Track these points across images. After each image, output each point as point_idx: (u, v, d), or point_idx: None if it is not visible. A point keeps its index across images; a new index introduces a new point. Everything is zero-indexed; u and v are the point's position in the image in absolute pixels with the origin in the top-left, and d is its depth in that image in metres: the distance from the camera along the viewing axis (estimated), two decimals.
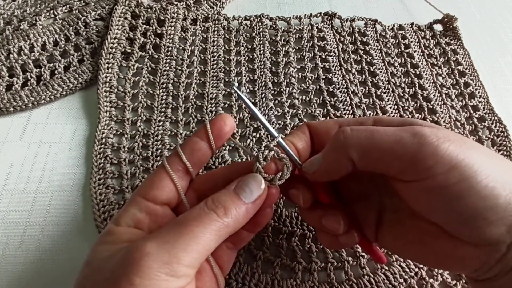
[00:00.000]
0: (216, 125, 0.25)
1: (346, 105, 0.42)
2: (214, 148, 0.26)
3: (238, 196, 0.23)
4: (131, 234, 0.23)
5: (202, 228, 0.21)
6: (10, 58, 0.41)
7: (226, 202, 0.22)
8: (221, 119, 0.25)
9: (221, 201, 0.22)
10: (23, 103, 0.40)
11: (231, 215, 0.22)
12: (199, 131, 0.26)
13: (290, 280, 0.31)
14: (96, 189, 0.34)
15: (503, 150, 0.40)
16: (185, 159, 0.25)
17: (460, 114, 0.43)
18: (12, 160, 0.37)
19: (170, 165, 0.25)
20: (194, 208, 0.22)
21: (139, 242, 0.20)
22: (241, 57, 0.45)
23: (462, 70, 0.47)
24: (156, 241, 0.20)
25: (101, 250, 0.22)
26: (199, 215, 0.21)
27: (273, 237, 0.32)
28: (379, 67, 0.46)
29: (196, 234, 0.21)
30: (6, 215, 0.33)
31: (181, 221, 0.21)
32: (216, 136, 0.25)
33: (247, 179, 0.24)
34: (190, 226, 0.21)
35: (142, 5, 0.47)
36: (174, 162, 0.25)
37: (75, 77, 0.42)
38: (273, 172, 0.24)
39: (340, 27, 0.50)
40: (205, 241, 0.21)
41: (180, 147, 0.25)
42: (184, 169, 0.25)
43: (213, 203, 0.22)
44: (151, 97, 0.41)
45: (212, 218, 0.21)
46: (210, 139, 0.25)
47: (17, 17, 0.46)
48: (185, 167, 0.25)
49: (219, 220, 0.21)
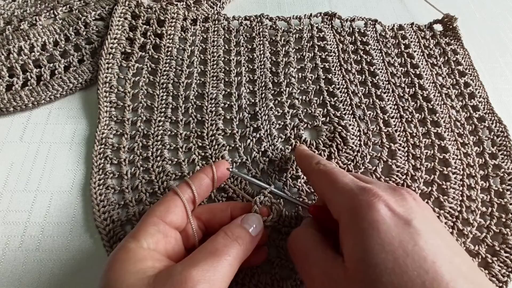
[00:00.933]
0: (220, 168, 0.30)
1: (346, 105, 0.42)
2: (215, 186, 0.30)
3: (247, 229, 0.26)
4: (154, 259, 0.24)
5: (231, 256, 0.24)
6: (10, 58, 0.41)
7: (241, 233, 0.26)
8: (223, 164, 0.31)
9: (238, 232, 0.26)
10: (23, 103, 0.40)
11: (245, 245, 0.25)
12: (205, 170, 0.30)
13: (289, 280, 0.31)
14: (96, 189, 0.35)
15: (503, 150, 0.40)
16: (195, 191, 0.28)
17: (460, 114, 0.43)
18: (12, 160, 0.37)
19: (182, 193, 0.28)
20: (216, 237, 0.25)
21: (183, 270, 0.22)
22: (241, 57, 0.46)
23: (462, 70, 0.47)
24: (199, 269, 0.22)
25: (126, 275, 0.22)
26: (226, 245, 0.24)
27: (273, 237, 0.33)
28: (379, 67, 0.46)
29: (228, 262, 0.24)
30: (6, 215, 0.33)
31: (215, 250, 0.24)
32: (218, 177, 0.30)
33: (252, 217, 0.28)
34: (224, 254, 0.24)
35: (142, 5, 0.47)
36: (183, 191, 0.28)
37: (75, 77, 0.42)
38: (266, 215, 0.29)
39: (340, 27, 0.50)
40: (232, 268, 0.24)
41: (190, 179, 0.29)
42: (191, 199, 0.28)
43: (233, 234, 0.25)
44: (151, 97, 0.41)
45: (235, 247, 0.25)
46: (214, 179, 0.30)
47: (17, 17, 0.46)
48: (193, 197, 0.28)
49: (239, 248, 0.25)
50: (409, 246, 0.21)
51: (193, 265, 0.22)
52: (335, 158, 0.38)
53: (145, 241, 0.24)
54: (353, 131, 0.40)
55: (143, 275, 0.22)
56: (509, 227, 0.35)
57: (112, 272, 0.23)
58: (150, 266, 0.23)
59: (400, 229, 0.22)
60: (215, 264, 0.23)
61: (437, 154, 0.39)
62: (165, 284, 0.21)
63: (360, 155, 0.38)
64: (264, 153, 0.38)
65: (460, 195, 0.36)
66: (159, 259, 0.24)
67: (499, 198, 0.37)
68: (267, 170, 0.37)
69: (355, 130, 0.40)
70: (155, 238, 0.25)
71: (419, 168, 0.38)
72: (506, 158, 0.40)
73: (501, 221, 0.35)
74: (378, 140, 0.40)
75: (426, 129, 0.41)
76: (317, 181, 0.30)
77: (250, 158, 0.37)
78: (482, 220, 0.35)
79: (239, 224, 0.27)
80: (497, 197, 0.37)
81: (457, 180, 0.37)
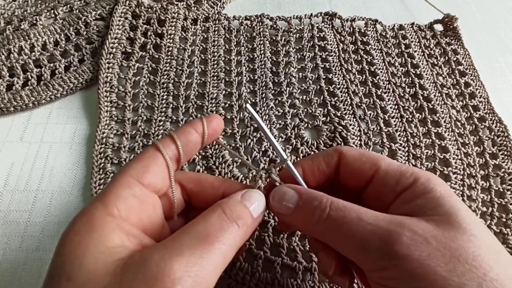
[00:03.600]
0: (211, 123, 0.24)
1: (346, 105, 0.42)
2: (204, 144, 0.25)
3: (247, 208, 0.21)
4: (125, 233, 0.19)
5: (227, 244, 0.19)
6: (11, 58, 0.41)
7: (243, 213, 0.21)
8: (214, 118, 0.25)
9: (238, 211, 0.21)
10: (24, 103, 0.40)
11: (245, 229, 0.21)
12: (194, 124, 0.24)
13: (290, 279, 0.31)
14: (97, 189, 0.34)
15: (503, 150, 0.40)
16: (181, 148, 0.23)
17: (461, 114, 0.43)
18: (13, 160, 0.37)
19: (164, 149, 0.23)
20: (210, 215, 0.20)
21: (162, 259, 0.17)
22: (241, 57, 0.45)
23: (462, 70, 0.47)
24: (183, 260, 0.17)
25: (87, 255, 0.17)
26: (222, 228, 0.19)
27: (274, 237, 0.32)
28: (380, 67, 0.46)
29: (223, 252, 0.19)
30: (7, 215, 0.33)
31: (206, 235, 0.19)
32: (209, 133, 0.24)
33: (255, 194, 0.23)
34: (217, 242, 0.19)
35: (143, 5, 0.47)
36: (167, 147, 0.23)
37: (76, 77, 0.42)
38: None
39: (341, 27, 0.50)
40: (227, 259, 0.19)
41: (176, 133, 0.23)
42: (175, 157, 0.23)
43: (233, 213, 0.20)
44: (152, 97, 0.41)
45: (234, 231, 0.20)
46: (204, 134, 0.24)
47: (18, 17, 0.46)
48: (178, 155, 0.23)
49: (239, 232, 0.20)
50: None
51: (175, 254, 0.17)
52: None
53: (115, 207, 0.19)
54: (353, 131, 0.40)
55: (109, 259, 0.17)
56: (509, 227, 0.35)
57: (67, 248, 0.18)
58: (119, 244, 0.18)
59: None
60: (204, 255, 0.18)
61: (437, 154, 0.39)
62: (135, 277, 0.17)
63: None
64: (264, 152, 0.38)
65: (460, 195, 0.36)
66: (131, 233, 0.19)
67: (499, 198, 0.37)
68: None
69: (355, 130, 0.40)
70: (128, 204, 0.20)
71: (420, 168, 0.38)
72: (506, 158, 0.40)
73: (502, 221, 0.35)
74: (379, 140, 0.40)
75: (427, 129, 0.41)
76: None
77: (250, 157, 0.37)
78: (483, 220, 0.35)
79: (239, 200, 0.22)
80: (498, 197, 0.37)
81: (457, 180, 0.37)
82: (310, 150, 0.38)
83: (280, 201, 0.23)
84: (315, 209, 0.22)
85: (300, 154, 0.38)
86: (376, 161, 0.24)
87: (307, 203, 0.22)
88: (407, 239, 0.19)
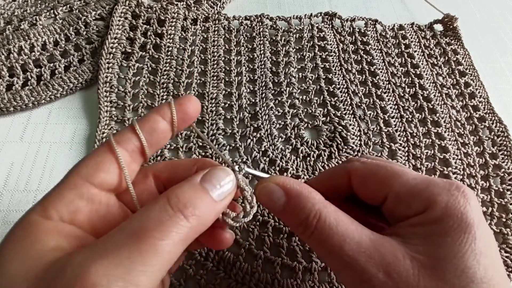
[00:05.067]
0: (182, 106, 0.21)
1: (346, 105, 0.42)
2: (175, 132, 0.22)
3: (206, 191, 0.19)
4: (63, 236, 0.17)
5: (167, 240, 0.16)
6: (11, 58, 0.41)
7: (194, 200, 0.18)
8: (188, 100, 0.22)
9: (188, 197, 0.18)
10: (23, 103, 0.40)
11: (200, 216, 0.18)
12: (161, 109, 0.21)
13: (290, 279, 0.31)
14: None
15: (503, 150, 0.40)
16: (143, 138, 0.20)
17: (461, 114, 0.43)
18: (12, 160, 0.37)
19: (122, 142, 0.20)
20: (152, 206, 0.17)
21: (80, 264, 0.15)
22: (241, 57, 0.45)
23: (462, 70, 0.47)
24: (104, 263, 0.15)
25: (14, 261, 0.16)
26: (161, 221, 0.17)
27: (274, 237, 0.32)
28: (380, 67, 0.46)
29: (160, 249, 0.16)
30: (7, 215, 0.33)
31: (138, 231, 0.16)
32: (180, 118, 0.21)
33: (218, 173, 0.20)
34: (152, 238, 0.16)
35: (143, 5, 0.47)
36: (127, 139, 0.20)
37: (75, 77, 0.42)
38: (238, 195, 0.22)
39: (341, 27, 0.50)
40: (170, 256, 0.16)
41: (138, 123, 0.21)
42: (139, 150, 0.21)
43: (179, 201, 0.17)
44: (152, 97, 0.41)
45: (178, 223, 0.17)
46: (174, 121, 0.21)
47: (18, 17, 0.46)
48: (141, 147, 0.20)
49: (186, 224, 0.17)
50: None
51: (98, 257, 0.15)
52: (335, 158, 0.38)
53: (55, 211, 0.18)
54: (353, 131, 0.40)
55: (37, 263, 0.16)
56: (509, 227, 0.35)
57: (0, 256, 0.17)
58: (53, 247, 0.17)
59: None
60: (132, 255, 0.15)
61: (437, 154, 0.39)
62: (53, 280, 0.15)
63: (360, 155, 0.38)
64: (264, 152, 0.38)
65: None
66: (74, 235, 0.18)
67: (499, 198, 0.37)
68: (267, 170, 0.37)
69: (355, 130, 0.40)
70: (73, 207, 0.18)
71: (420, 168, 0.38)
72: (506, 158, 0.40)
73: (502, 221, 0.35)
74: (379, 140, 0.40)
75: (427, 129, 0.41)
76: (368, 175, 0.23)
77: (250, 158, 0.37)
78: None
79: (196, 183, 0.19)
80: (498, 197, 0.37)
81: (457, 180, 0.37)
82: (310, 150, 0.38)
83: (267, 198, 0.22)
84: (301, 222, 0.21)
85: (300, 154, 0.38)
86: (388, 182, 0.22)
87: (294, 211, 0.21)
88: (378, 282, 0.19)
